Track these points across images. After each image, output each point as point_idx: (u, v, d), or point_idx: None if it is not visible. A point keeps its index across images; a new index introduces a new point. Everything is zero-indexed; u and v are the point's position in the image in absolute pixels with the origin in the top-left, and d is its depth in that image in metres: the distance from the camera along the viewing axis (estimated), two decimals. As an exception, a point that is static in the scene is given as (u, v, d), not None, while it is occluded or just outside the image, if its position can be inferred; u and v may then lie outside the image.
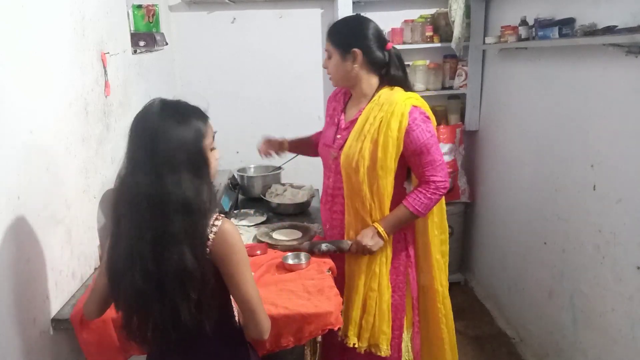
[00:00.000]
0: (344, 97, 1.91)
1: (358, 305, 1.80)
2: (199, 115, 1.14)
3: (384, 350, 1.79)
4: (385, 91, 1.76)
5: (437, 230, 1.85)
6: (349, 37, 1.73)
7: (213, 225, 1.11)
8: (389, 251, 1.79)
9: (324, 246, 1.79)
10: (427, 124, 1.71)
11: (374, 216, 1.76)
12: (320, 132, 2.05)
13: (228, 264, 1.13)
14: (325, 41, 1.80)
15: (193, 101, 1.17)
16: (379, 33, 1.77)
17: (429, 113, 1.74)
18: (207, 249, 1.10)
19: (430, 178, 1.71)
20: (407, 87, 1.79)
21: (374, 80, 1.77)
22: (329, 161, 1.86)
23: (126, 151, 1.09)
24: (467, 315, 3.01)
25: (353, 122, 1.79)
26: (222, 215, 1.16)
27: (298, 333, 1.48)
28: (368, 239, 1.73)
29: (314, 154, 2.06)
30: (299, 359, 1.63)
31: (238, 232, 1.15)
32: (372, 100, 1.75)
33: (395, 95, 1.72)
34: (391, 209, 1.77)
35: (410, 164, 1.76)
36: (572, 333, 2.17)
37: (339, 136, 1.83)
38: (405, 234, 1.84)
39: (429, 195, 1.71)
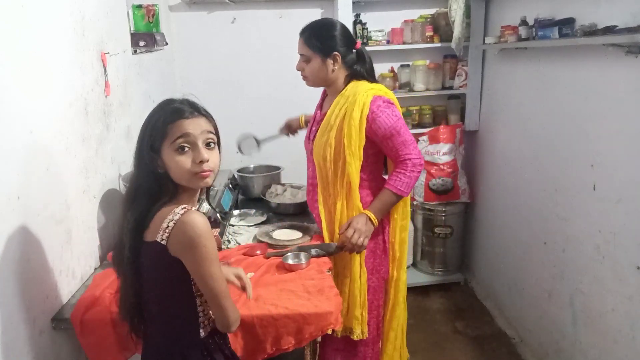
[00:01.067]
0: (324, 92, 2.04)
1: None
2: (169, 112, 1.14)
3: (357, 334, 1.90)
4: (351, 84, 1.87)
5: (398, 215, 1.94)
6: (328, 41, 1.82)
7: (174, 214, 1.08)
8: None
9: (313, 251, 1.81)
10: (392, 108, 1.81)
11: (340, 204, 1.87)
12: None
13: (188, 259, 1.09)
14: (300, 45, 1.87)
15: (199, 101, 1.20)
16: (350, 34, 1.89)
17: (394, 100, 1.86)
18: (164, 241, 1.08)
19: (406, 157, 1.81)
20: (371, 80, 1.91)
21: (346, 78, 1.89)
22: (309, 153, 2.00)
23: None
24: (467, 315, 3.01)
25: (324, 116, 1.91)
26: (190, 207, 1.12)
27: (298, 334, 1.47)
28: (362, 225, 1.79)
29: None
30: (299, 359, 1.63)
31: (203, 224, 1.08)
32: (340, 94, 1.86)
33: (359, 87, 1.84)
34: (370, 200, 1.87)
35: (384, 149, 1.85)
36: (572, 333, 2.17)
37: (314, 129, 1.96)
38: (382, 218, 1.92)
39: (408, 174, 1.81)
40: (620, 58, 1.77)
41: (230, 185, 2.55)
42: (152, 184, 1.13)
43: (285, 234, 2.04)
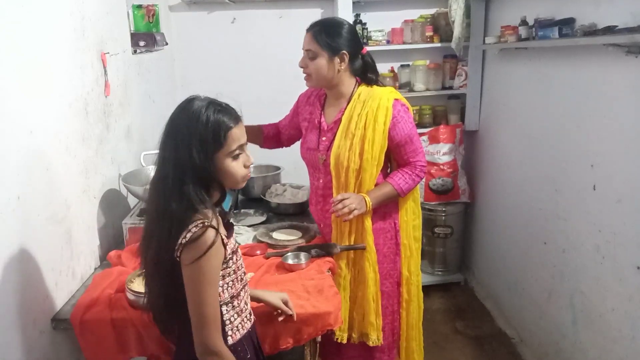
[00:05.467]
0: (319, 100, 1.97)
1: (346, 300, 1.87)
2: (220, 122, 1.13)
3: (373, 340, 1.88)
4: (363, 89, 1.85)
5: (409, 215, 1.94)
6: (338, 39, 1.78)
7: (188, 232, 1.07)
8: (371, 243, 1.84)
9: (313, 251, 1.80)
10: (408, 114, 1.84)
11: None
12: (274, 125, 2.16)
13: (185, 274, 1.09)
14: (307, 41, 1.79)
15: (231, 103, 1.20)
16: (358, 37, 1.88)
17: (407, 104, 1.87)
18: (178, 257, 1.08)
19: (417, 163, 1.84)
20: (380, 85, 1.91)
21: (352, 81, 1.87)
22: (316, 164, 1.92)
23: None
24: (467, 315, 3.01)
25: (337, 123, 1.86)
26: (207, 222, 1.09)
27: (297, 334, 1.47)
28: (357, 199, 1.77)
29: (261, 143, 2.14)
30: (299, 359, 1.63)
31: (209, 240, 1.07)
32: (352, 100, 1.84)
33: (376, 91, 1.83)
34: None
35: (395, 153, 1.86)
36: (572, 333, 2.17)
37: (323, 138, 1.89)
38: (395, 222, 1.92)
39: (414, 177, 1.84)
40: (620, 58, 1.77)
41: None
42: (195, 191, 1.10)
43: (285, 234, 2.04)
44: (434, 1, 3.16)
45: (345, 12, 2.93)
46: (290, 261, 1.75)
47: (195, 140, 1.09)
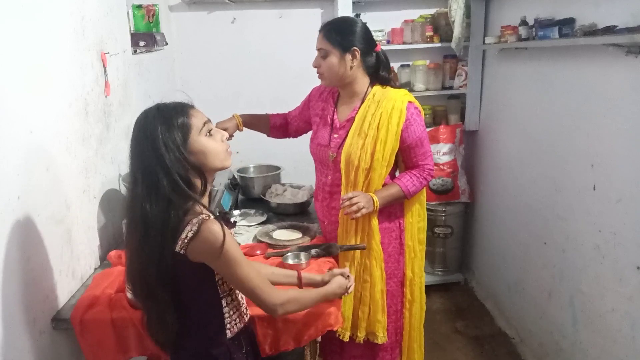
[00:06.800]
0: (332, 97, 1.96)
1: (350, 299, 1.87)
2: (177, 109, 1.13)
3: (380, 337, 1.89)
4: (378, 89, 1.85)
5: (414, 218, 1.94)
6: (348, 36, 1.79)
7: (192, 225, 1.08)
8: (378, 242, 1.85)
9: (313, 251, 1.80)
10: (421, 118, 1.84)
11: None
12: (282, 115, 2.14)
13: (217, 266, 1.13)
14: (319, 40, 1.81)
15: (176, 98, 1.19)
16: (371, 35, 1.87)
17: (420, 108, 1.87)
18: (183, 250, 1.09)
19: (425, 167, 1.86)
20: (393, 85, 1.90)
21: (366, 80, 1.86)
22: (326, 160, 1.91)
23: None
24: (467, 315, 3.01)
25: (350, 121, 1.86)
26: (206, 214, 1.11)
27: (298, 335, 1.47)
28: (366, 198, 1.77)
29: (268, 132, 2.14)
30: (299, 359, 1.63)
31: (222, 231, 1.10)
32: (366, 99, 1.84)
33: (390, 93, 1.83)
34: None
35: (404, 156, 1.87)
36: (572, 333, 2.17)
37: (335, 135, 1.89)
38: (400, 222, 1.92)
39: (421, 180, 1.85)
40: (620, 58, 1.77)
41: (230, 185, 2.55)
42: (178, 192, 1.10)
43: (285, 234, 2.04)
44: (434, 1, 3.16)
45: (345, 12, 2.93)
46: (290, 261, 1.75)
47: (163, 137, 1.09)
